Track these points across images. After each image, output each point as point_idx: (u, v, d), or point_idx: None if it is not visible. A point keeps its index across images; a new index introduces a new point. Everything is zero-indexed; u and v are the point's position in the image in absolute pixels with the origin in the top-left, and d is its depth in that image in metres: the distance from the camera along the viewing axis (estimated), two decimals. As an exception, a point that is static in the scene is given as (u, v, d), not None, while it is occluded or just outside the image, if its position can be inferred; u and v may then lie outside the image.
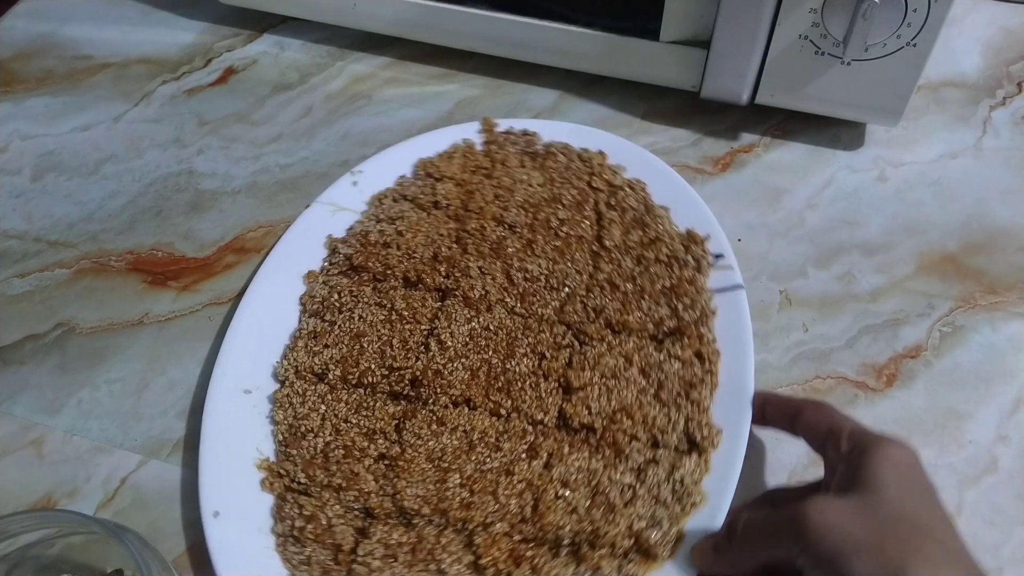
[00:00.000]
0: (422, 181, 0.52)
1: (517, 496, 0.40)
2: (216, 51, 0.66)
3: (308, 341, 0.45)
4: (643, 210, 0.50)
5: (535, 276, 0.47)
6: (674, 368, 0.43)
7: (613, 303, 0.45)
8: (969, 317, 0.49)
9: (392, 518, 0.40)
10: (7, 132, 0.61)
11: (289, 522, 0.40)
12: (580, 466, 0.40)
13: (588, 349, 0.44)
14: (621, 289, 0.46)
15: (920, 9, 0.47)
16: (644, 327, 0.45)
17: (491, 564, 0.38)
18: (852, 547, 0.32)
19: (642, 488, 0.39)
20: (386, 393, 0.44)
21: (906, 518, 0.32)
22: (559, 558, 0.38)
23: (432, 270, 0.47)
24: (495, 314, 0.45)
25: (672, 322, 0.45)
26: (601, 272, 0.47)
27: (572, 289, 0.46)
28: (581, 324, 0.45)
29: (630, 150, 0.53)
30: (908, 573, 0.30)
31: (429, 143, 0.54)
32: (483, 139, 0.55)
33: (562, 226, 0.49)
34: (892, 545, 0.31)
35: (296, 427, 0.43)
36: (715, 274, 0.47)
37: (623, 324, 0.45)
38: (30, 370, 0.48)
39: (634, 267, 0.47)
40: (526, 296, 0.46)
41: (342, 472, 0.41)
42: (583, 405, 0.42)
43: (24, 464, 0.45)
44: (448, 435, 0.42)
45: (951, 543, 0.32)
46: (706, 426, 0.41)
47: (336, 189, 0.52)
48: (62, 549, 0.40)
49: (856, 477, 0.34)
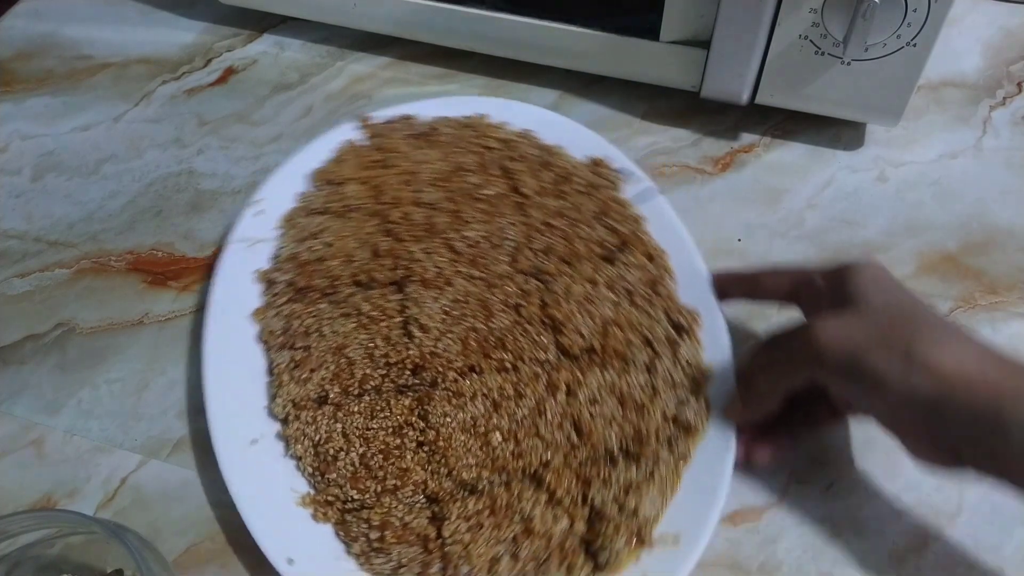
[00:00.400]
0: (326, 190, 0.51)
1: (558, 429, 0.42)
2: (216, 51, 0.66)
3: (292, 373, 0.44)
4: (542, 153, 0.53)
5: (476, 241, 0.48)
6: (634, 275, 0.47)
7: (556, 240, 0.48)
8: (969, 317, 0.49)
9: (458, 493, 0.41)
10: (7, 132, 0.61)
11: (363, 539, 0.40)
12: (598, 383, 0.43)
13: (554, 286, 0.46)
14: (557, 226, 0.49)
15: (920, 9, 0.47)
16: (592, 251, 0.48)
17: (565, 494, 0.40)
18: (863, 348, 0.36)
19: (658, 380, 0.43)
20: (392, 390, 0.44)
21: (899, 314, 0.37)
22: (619, 464, 0.41)
23: (379, 266, 0.47)
24: (457, 286, 0.46)
25: (613, 238, 0.48)
26: (532, 218, 0.49)
27: (514, 241, 0.48)
28: (537, 267, 0.47)
29: (507, 106, 0.56)
30: (915, 350, 0.35)
31: (315, 153, 0.53)
32: (366, 135, 0.54)
33: (478, 190, 0.50)
34: (895, 336, 0.35)
35: (323, 453, 0.42)
36: (627, 187, 0.51)
37: (573, 254, 0.48)
38: (30, 370, 0.48)
39: (559, 204, 0.50)
40: (476, 261, 0.47)
41: (391, 473, 0.41)
42: (575, 333, 0.44)
43: (24, 464, 0.45)
44: (471, 404, 0.43)
45: (943, 323, 0.37)
46: (683, 311, 0.46)
47: (243, 225, 0.49)
48: (62, 549, 0.40)
49: (843, 297, 0.39)
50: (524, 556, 0.39)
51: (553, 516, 0.40)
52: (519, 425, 0.42)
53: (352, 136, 0.54)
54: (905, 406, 0.35)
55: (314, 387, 0.43)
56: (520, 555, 0.39)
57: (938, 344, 0.35)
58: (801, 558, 0.41)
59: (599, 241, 0.48)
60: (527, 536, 0.39)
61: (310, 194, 0.51)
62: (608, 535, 0.39)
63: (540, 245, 0.48)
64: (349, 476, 0.41)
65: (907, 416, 0.35)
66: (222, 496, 0.41)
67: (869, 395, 0.36)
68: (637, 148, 0.57)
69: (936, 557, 0.41)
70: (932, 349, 0.34)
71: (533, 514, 0.40)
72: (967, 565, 0.40)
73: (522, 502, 0.40)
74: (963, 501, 0.42)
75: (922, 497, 0.42)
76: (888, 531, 0.41)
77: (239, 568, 0.41)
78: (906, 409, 0.35)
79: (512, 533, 0.39)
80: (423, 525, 0.40)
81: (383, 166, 0.52)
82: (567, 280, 0.46)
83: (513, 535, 0.39)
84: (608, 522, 0.39)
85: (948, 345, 0.35)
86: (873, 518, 0.42)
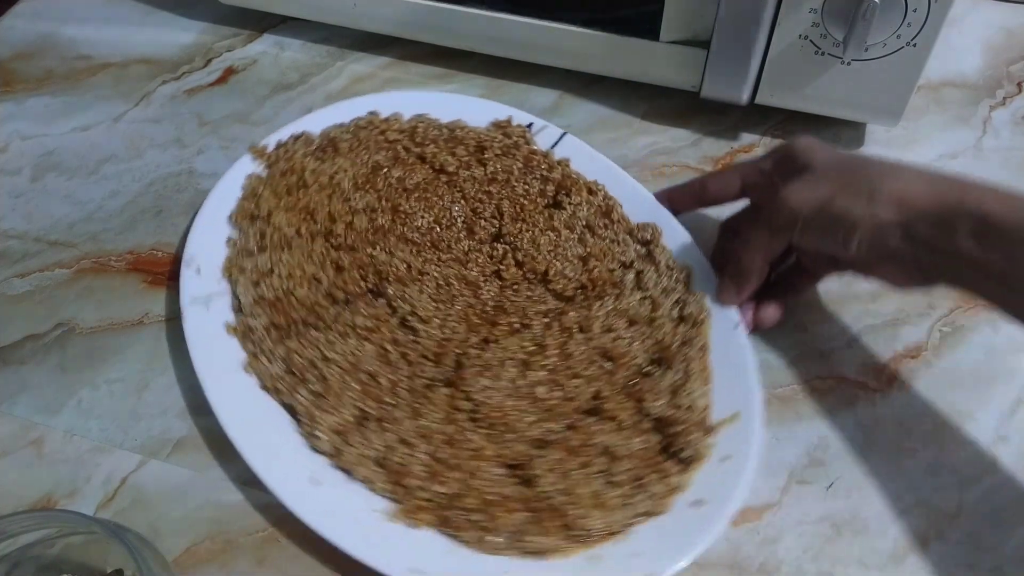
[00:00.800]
0: (254, 228, 0.50)
1: (591, 364, 0.44)
2: (216, 51, 0.66)
3: (319, 406, 0.43)
4: (446, 132, 0.55)
5: (427, 228, 0.50)
6: (585, 211, 0.51)
7: (501, 203, 0.51)
8: (969, 317, 0.49)
9: (534, 452, 0.41)
10: (7, 132, 0.61)
11: (470, 525, 0.40)
12: (605, 313, 0.46)
13: (520, 243, 0.49)
14: (494, 192, 0.51)
15: (920, 9, 0.47)
16: (537, 203, 0.51)
17: (627, 415, 0.43)
18: (830, 198, 0.40)
19: (652, 290, 0.47)
20: (423, 385, 0.44)
21: (851, 165, 0.41)
22: (655, 374, 0.44)
23: (349, 279, 0.47)
24: (432, 273, 0.48)
25: (550, 186, 0.52)
26: (468, 191, 0.52)
27: (463, 216, 0.51)
28: (496, 233, 0.50)
29: (389, 98, 0.57)
30: (876, 188, 0.39)
31: (225, 196, 0.52)
32: (264, 164, 0.53)
33: (404, 182, 0.52)
34: (855, 182, 0.39)
35: (390, 466, 0.41)
36: (538, 138, 0.55)
37: (522, 211, 0.50)
38: (30, 370, 0.48)
39: (486, 171, 0.53)
40: (438, 245, 0.49)
41: (465, 456, 0.41)
42: (561, 277, 0.48)
43: (24, 464, 0.45)
44: (503, 370, 0.44)
45: (892, 164, 0.40)
46: (642, 227, 0.50)
47: (189, 286, 0.48)
48: (62, 549, 0.40)
49: (795, 169, 0.42)
50: (622, 480, 0.41)
51: (626, 438, 0.42)
52: (555, 372, 0.44)
53: (252, 170, 0.53)
54: (877, 240, 0.39)
55: (349, 410, 0.43)
56: (617, 481, 0.41)
57: (894, 178, 0.39)
58: (801, 558, 0.41)
59: (539, 192, 0.51)
60: (614, 463, 0.41)
61: (241, 238, 0.50)
62: (680, 435, 0.42)
63: (488, 212, 0.51)
64: (427, 476, 0.41)
65: (880, 250, 0.39)
66: (309, 535, 0.40)
67: (845, 241, 0.40)
68: (637, 148, 0.57)
69: (936, 557, 0.41)
70: (890, 183, 0.39)
71: (608, 443, 0.42)
72: (967, 565, 0.40)
73: (594, 437, 0.42)
74: (963, 501, 0.42)
75: (922, 497, 0.42)
76: (888, 531, 0.41)
77: (239, 568, 0.41)
78: (879, 243, 0.39)
79: (600, 466, 0.41)
80: (520, 491, 0.40)
81: (301, 187, 0.51)
82: (529, 235, 0.49)
83: (601, 468, 0.41)
84: (674, 425, 0.42)
85: (902, 177, 0.39)
86: (873, 518, 0.42)
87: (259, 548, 0.42)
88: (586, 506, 0.40)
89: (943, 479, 0.43)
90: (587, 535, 0.39)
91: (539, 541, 0.39)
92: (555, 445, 0.42)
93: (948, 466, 0.43)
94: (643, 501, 0.40)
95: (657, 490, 0.40)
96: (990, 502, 0.42)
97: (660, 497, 0.40)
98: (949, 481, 0.43)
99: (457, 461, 0.41)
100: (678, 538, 0.39)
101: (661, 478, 0.41)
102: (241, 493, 0.43)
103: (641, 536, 0.40)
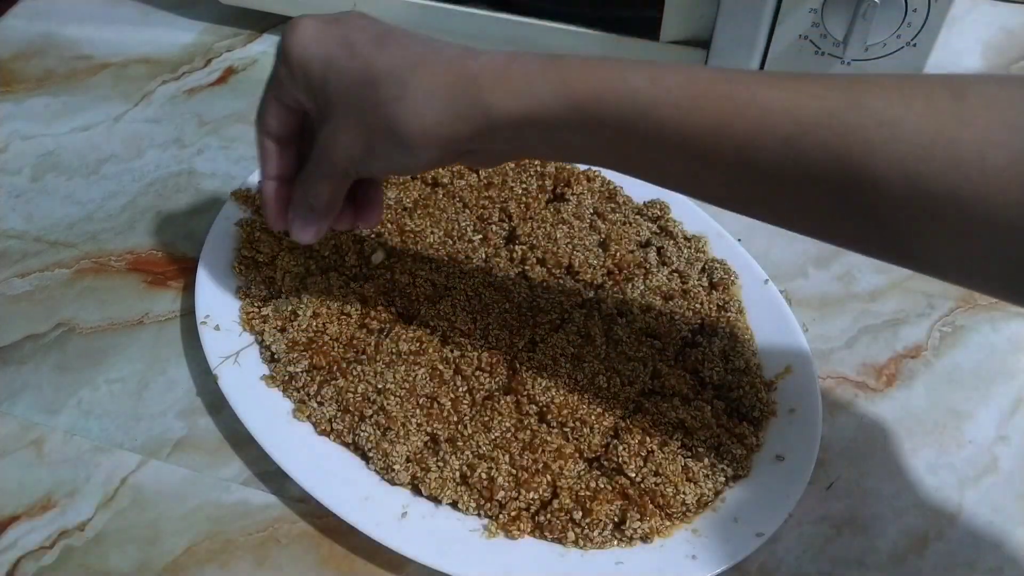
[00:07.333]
0: (260, 275, 0.48)
1: (639, 344, 0.45)
2: (216, 51, 0.66)
3: (387, 438, 0.42)
4: None
5: (439, 243, 0.49)
6: (589, 200, 0.52)
7: (506, 205, 0.51)
8: (969, 317, 0.49)
9: (611, 441, 0.42)
10: (7, 132, 0.61)
11: (571, 525, 0.40)
12: (640, 292, 0.48)
13: (536, 240, 0.49)
14: (493, 196, 0.52)
15: (920, 9, 0.47)
16: (540, 200, 0.51)
17: (688, 388, 0.44)
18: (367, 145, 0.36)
19: (677, 263, 0.49)
20: (483, 398, 0.44)
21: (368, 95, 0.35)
22: (702, 343, 0.46)
23: (379, 309, 0.46)
24: (458, 287, 0.47)
25: (548, 181, 0.52)
26: (467, 199, 0.51)
27: (470, 223, 0.50)
28: (509, 234, 0.50)
29: None
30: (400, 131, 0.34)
31: (216, 251, 0.50)
32: (252, 210, 0.52)
33: (402, 202, 0.51)
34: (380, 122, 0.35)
35: (476, 484, 0.41)
36: None
37: (528, 209, 0.51)
38: (30, 370, 0.48)
39: (478, 178, 0.53)
40: (455, 258, 0.49)
41: (548, 459, 0.41)
42: (587, 267, 0.48)
43: (24, 464, 0.45)
44: (558, 368, 0.44)
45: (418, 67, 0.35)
46: (651, 205, 0.52)
47: (213, 347, 0.46)
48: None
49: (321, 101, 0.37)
50: (703, 451, 0.42)
51: (694, 408, 0.43)
52: (608, 359, 0.45)
53: (239, 216, 0.52)
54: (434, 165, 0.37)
55: (418, 437, 0.42)
56: (698, 451, 0.42)
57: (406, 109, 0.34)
58: (801, 558, 0.41)
59: (538, 188, 0.52)
60: (690, 436, 0.42)
61: (248, 285, 0.48)
62: (743, 397, 0.44)
63: (496, 216, 0.51)
64: (514, 485, 0.41)
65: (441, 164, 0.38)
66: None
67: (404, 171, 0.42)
68: (637, 148, 0.57)
69: (936, 557, 0.41)
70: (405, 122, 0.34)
71: (679, 417, 0.42)
72: (967, 565, 0.40)
73: (664, 414, 0.43)
74: (963, 501, 0.42)
75: (922, 497, 0.42)
76: (888, 531, 0.41)
77: (239, 568, 0.41)
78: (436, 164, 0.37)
79: (678, 442, 0.42)
80: (609, 481, 0.41)
81: None
82: (542, 231, 0.50)
83: (680, 442, 0.42)
84: (735, 388, 0.44)
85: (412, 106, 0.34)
86: (873, 518, 0.42)
87: (259, 548, 0.42)
88: (677, 482, 0.40)
89: (943, 479, 0.43)
90: (684, 510, 0.40)
91: (640, 526, 0.39)
92: (630, 431, 0.42)
93: (948, 466, 0.43)
94: (727, 466, 0.41)
95: (737, 453, 0.42)
96: (990, 502, 0.42)
97: (741, 459, 0.42)
98: (949, 481, 0.43)
99: (540, 465, 0.41)
100: (770, 495, 0.41)
101: (738, 441, 0.42)
102: (241, 493, 0.43)
103: (734, 501, 0.41)
